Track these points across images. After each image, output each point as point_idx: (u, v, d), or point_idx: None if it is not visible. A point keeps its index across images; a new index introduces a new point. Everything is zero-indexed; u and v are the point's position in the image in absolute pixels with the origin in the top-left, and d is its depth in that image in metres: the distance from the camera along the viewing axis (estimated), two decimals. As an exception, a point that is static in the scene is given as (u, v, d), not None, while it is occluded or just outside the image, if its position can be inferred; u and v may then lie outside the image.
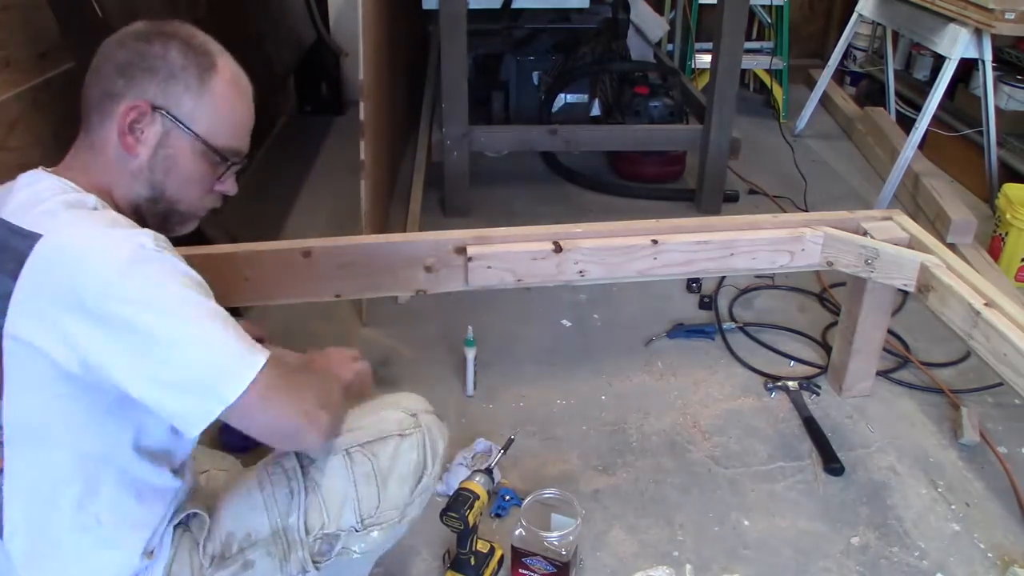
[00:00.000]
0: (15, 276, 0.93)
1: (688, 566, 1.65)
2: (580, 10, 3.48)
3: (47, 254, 0.94)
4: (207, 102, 1.09)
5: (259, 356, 0.97)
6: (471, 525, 1.50)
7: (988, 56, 2.89)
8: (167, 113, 1.07)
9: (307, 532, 1.16)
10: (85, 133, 1.09)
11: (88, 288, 0.91)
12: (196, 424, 0.96)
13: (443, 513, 1.49)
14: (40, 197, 1.01)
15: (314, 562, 1.17)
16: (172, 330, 0.93)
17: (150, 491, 1.07)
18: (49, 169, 1.09)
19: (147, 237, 0.97)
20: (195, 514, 1.14)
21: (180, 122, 1.08)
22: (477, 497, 1.51)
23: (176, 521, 1.11)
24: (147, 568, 1.07)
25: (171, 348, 0.93)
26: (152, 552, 1.07)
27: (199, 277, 1.00)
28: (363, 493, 1.17)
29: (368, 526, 1.18)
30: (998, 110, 3.13)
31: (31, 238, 0.94)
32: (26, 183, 1.05)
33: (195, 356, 0.94)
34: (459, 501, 1.50)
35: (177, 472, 1.11)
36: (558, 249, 1.85)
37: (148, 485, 1.06)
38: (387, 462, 1.19)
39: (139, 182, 1.08)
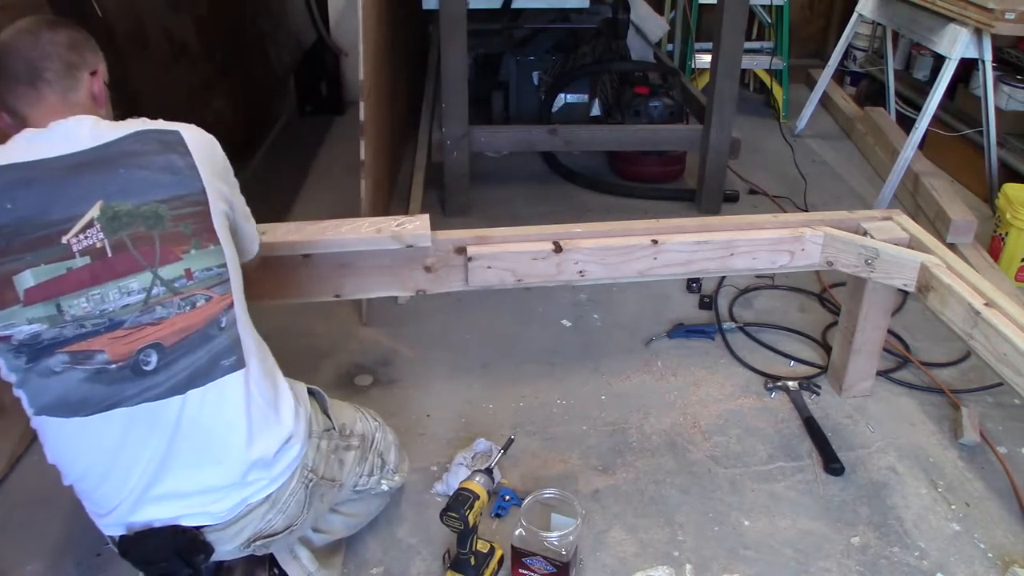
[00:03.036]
0: (188, 150, 1.28)
1: (688, 566, 1.65)
2: (580, 10, 3.48)
3: (195, 139, 1.31)
4: (105, 65, 1.40)
5: None
6: (471, 525, 1.50)
7: (988, 56, 2.89)
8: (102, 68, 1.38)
9: (372, 444, 1.62)
10: (59, 97, 1.28)
11: (222, 161, 1.37)
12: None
13: (443, 513, 1.50)
14: (99, 122, 1.28)
15: (370, 474, 1.60)
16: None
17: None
18: (62, 117, 1.28)
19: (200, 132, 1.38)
20: (319, 391, 1.54)
21: (105, 83, 1.39)
22: (477, 497, 1.51)
23: (308, 387, 1.50)
24: (297, 407, 1.39)
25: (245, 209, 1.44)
26: (296, 400, 1.40)
27: None
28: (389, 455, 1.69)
29: (394, 472, 1.69)
30: (998, 110, 3.13)
31: (174, 132, 1.29)
32: (74, 124, 1.26)
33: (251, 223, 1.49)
34: (459, 501, 1.50)
35: None
36: (558, 249, 1.85)
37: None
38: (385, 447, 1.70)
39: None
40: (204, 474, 1.27)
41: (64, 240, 1.17)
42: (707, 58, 4.08)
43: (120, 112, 1.39)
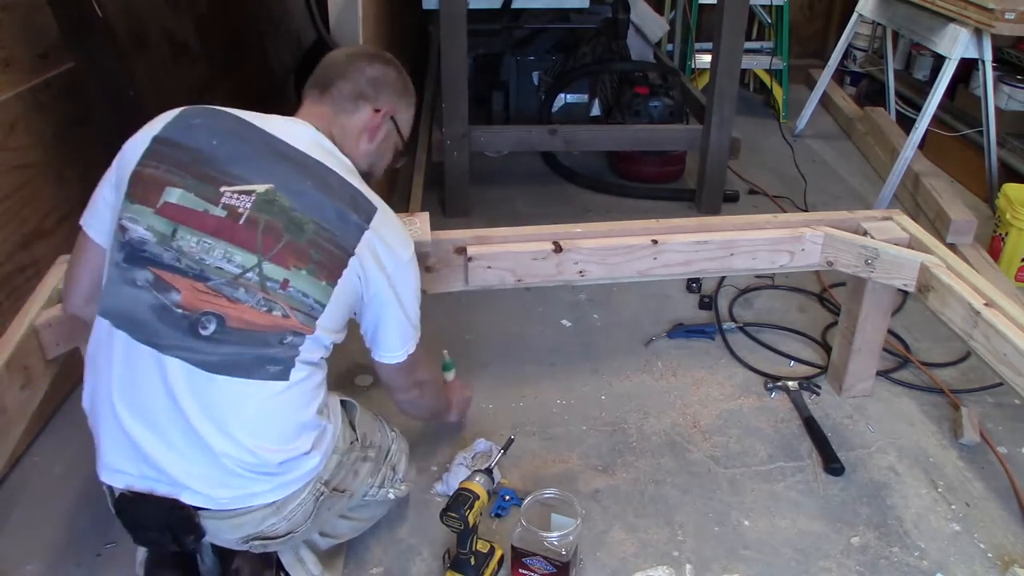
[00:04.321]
0: (368, 222, 1.34)
1: (688, 566, 1.66)
2: (580, 10, 3.48)
3: (382, 226, 1.36)
4: (410, 114, 1.60)
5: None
6: (471, 525, 1.50)
7: (988, 56, 2.89)
8: (393, 120, 1.55)
9: (387, 456, 1.63)
10: (333, 111, 1.47)
11: (394, 262, 1.38)
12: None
13: (443, 513, 1.50)
14: (337, 157, 1.42)
15: (380, 485, 1.60)
16: (410, 316, 1.47)
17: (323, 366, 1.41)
18: (312, 122, 1.44)
19: (413, 249, 1.45)
20: (350, 401, 1.55)
21: (398, 127, 1.57)
22: (477, 497, 1.51)
23: (340, 398, 1.51)
24: (325, 427, 1.39)
25: (396, 319, 1.44)
26: (326, 412, 1.41)
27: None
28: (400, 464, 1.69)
29: (401, 481, 1.68)
30: (998, 110, 3.13)
31: (372, 207, 1.36)
32: (303, 131, 1.41)
33: (398, 335, 1.48)
34: (459, 501, 1.50)
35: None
36: (558, 249, 1.85)
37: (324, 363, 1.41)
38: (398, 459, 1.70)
39: (363, 160, 1.50)
40: (190, 459, 1.26)
41: (221, 189, 1.28)
42: (707, 58, 4.08)
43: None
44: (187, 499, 1.27)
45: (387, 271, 1.37)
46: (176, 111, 1.37)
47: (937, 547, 1.71)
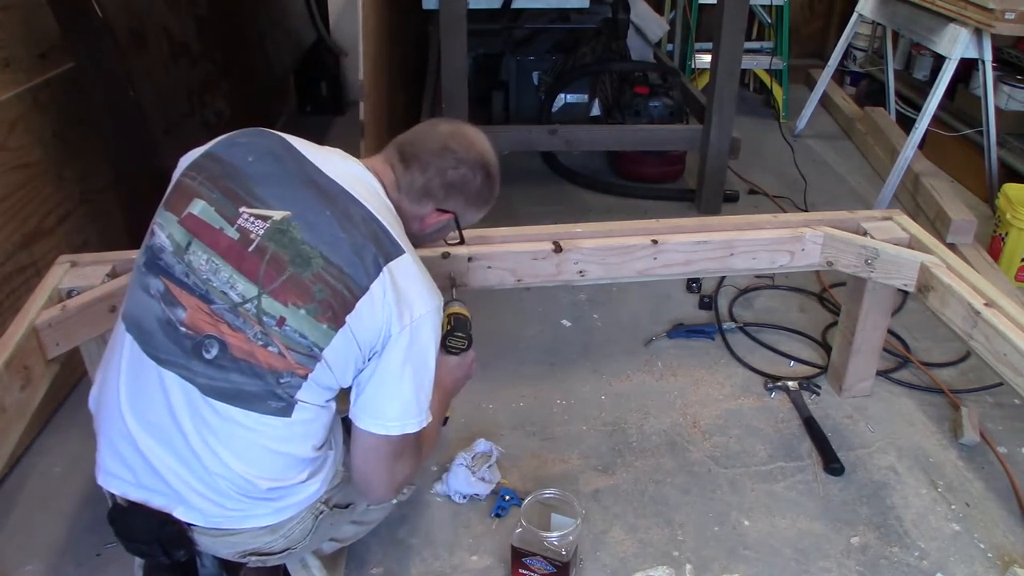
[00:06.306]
0: (387, 262, 1.26)
1: (688, 566, 1.66)
2: (580, 10, 3.48)
3: (402, 273, 1.27)
4: (479, 216, 1.54)
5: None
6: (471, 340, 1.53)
7: (988, 56, 2.89)
8: (455, 218, 1.49)
9: None
10: (398, 184, 1.43)
11: (409, 315, 1.27)
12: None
13: (447, 337, 1.49)
14: (378, 197, 1.36)
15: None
16: (418, 387, 1.30)
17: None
18: (370, 164, 1.42)
19: (439, 304, 1.34)
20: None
21: (458, 225, 1.52)
22: (469, 317, 1.55)
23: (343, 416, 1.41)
24: (326, 456, 1.34)
25: (401, 384, 1.28)
26: (329, 441, 1.36)
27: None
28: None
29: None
30: (998, 110, 3.13)
31: (398, 250, 1.28)
32: (354, 170, 1.38)
33: (400, 404, 1.29)
34: (460, 323, 1.52)
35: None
36: (558, 249, 1.85)
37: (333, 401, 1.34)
38: None
39: (411, 238, 1.40)
40: (188, 471, 1.25)
41: (240, 209, 1.26)
42: (707, 58, 4.08)
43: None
44: (180, 515, 1.26)
45: (396, 326, 1.26)
46: (234, 132, 1.38)
47: (937, 547, 1.71)
